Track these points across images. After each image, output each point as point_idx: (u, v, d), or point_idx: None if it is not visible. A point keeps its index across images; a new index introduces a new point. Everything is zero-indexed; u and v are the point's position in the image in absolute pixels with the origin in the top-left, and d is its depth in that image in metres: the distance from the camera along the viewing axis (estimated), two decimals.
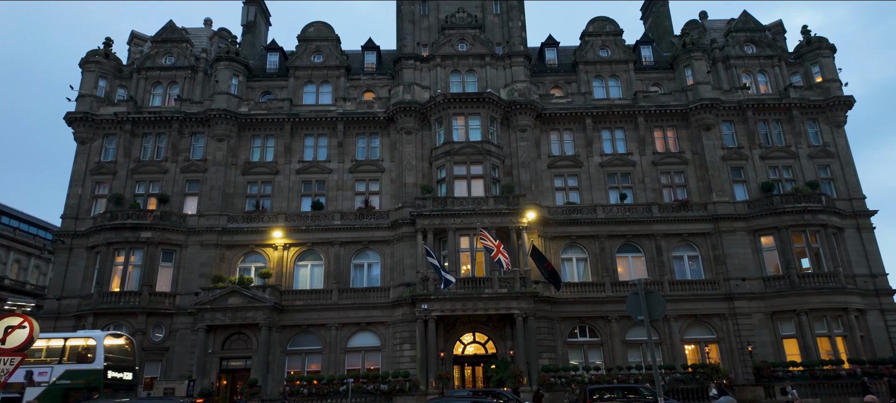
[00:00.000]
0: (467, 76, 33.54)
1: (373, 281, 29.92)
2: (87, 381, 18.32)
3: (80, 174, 31.20)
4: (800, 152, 32.08)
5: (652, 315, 11.26)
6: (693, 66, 33.46)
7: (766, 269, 29.28)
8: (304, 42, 35.22)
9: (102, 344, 18.99)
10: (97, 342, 19.08)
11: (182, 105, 32.54)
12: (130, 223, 28.49)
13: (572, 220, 30.19)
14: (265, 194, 31.59)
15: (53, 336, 20.37)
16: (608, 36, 35.50)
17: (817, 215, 28.76)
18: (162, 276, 28.94)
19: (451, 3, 35.65)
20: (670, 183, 32.04)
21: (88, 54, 33.38)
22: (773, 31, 36.48)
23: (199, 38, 36.83)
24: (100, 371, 18.62)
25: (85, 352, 18.99)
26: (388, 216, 30.41)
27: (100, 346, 18.92)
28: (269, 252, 29.88)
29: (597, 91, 34.25)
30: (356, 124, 32.71)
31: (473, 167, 29.96)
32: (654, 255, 29.81)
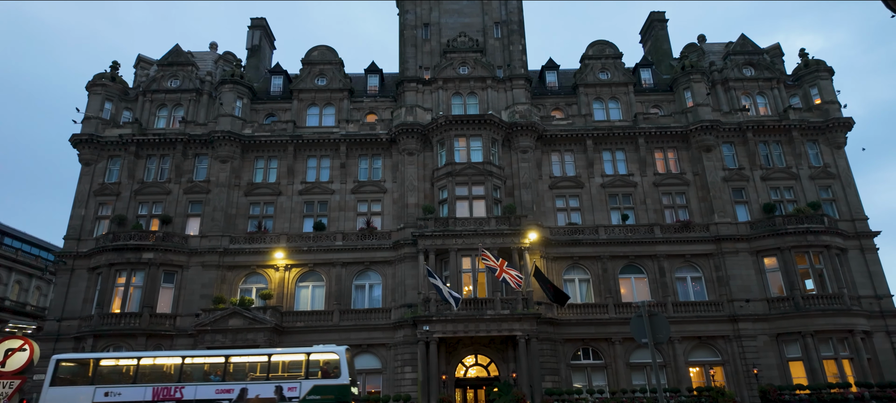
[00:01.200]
0: (469, 98, 33.90)
1: (374, 302, 29.79)
2: (336, 396, 18.19)
3: (83, 195, 31.38)
4: (801, 173, 32.16)
5: (656, 337, 11.17)
6: (692, 88, 33.79)
7: (770, 290, 29.10)
8: (309, 65, 35.73)
9: (346, 358, 18.83)
10: (341, 356, 18.92)
11: (186, 127, 32.87)
12: (132, 244, 28.53)
13: (574, 241, 30.16)
14: (267, 215, 31.69)
15: (296, 351, 20.40)
16: (608, 59, 35.95)
17: (820, 236, 28.69)
18: (163, 297, 28.86)
19: (452, 28, 36.24)
20: (672, 204, 32.07)
21: (95, 77, 33.88)
22: (771, 54, 36.91)
23: (205, 62, 37.39)
24: (346, 387, 18.49)
25: (328, 367, 18.87)
26: (389, 236, 30.43)
27: (343, 360, 18.78)
28: (270, 273, 29.83)
29: (597, 113, 34.54)
30: (359, 146, 32.97)
31: (475, 188, 30.07)
32: (657, 276, 29.68)
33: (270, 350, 20.41)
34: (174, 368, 19.17)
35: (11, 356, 9.18)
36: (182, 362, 19.32)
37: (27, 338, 9.56)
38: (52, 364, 18.84)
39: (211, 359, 19.87)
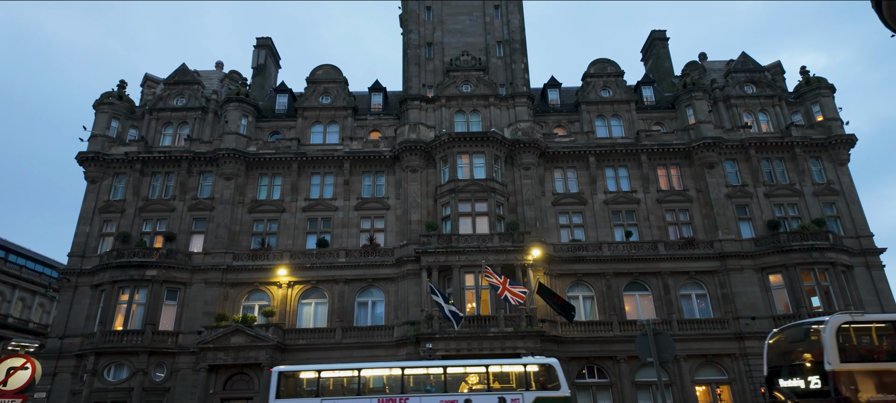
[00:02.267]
0: (472, 116, 34.14)
1: (377, 319, 29.65)
2: None
3: (88, 212, 31.56)
4: (804, 190, 32.08)
5: (661, 356, 11.10)
6: (694, 106, 33.94)
7: (776, 308, 28.82)
8: (313, 84, 36.12)
9: (561, 369, 18.57)
10: (557, 367, 18.69)
11: (191, 144, 33.16)
12: (136, 261, 28.58)
13: (578, 258, 30.05)
14: (271, 232, 31.75)
15: (512, 362, 20.11)
16: (609, 77, 36.21)
17: (825, 253, 28.50)
18: (165, 315, 28.80)
19: (455, 47, 36.66)
20: (675, 220, 31.99)
21: (102, 96, 34.30)
22: (773, 72, 37.11)
23: (211, 80, 37.85)
24: (569, 398, 18.34)
25: (545, 378, 18.67)
26: (392, 253, 30.40)
27: (560, 370, 18.56)
28: (273, 290, 29.78)
29: (599, 130, 34.69)
30: (362, 163, 33.14)
31: (478, 204, 30.11)
32: (662, 293, 29.47)
33: (487, 361, 20.34)
34: (396, 379, 19.10)
35: (13, 374, 9.16)
36: (402, 372, 19.15)
37: (29, 357, 9.54)
38: (275, 377, 18.80)
39: (430, 370, 19.67)
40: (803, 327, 14.22)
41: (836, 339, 12.76)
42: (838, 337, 12.88)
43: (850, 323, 13.28)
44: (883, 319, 14.39)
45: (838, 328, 13.00)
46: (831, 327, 12.94)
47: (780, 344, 14.58)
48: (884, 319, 14.38)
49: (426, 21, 37.54)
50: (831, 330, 12.89)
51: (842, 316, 13.47)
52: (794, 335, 14.44)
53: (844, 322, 13.22)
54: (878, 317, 14.37)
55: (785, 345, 14.42)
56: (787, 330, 14.86)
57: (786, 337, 14.57)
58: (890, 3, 6.94)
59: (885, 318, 14.48)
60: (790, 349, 14.14)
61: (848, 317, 13.38)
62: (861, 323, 13.50)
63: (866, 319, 13.72)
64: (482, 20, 37.67)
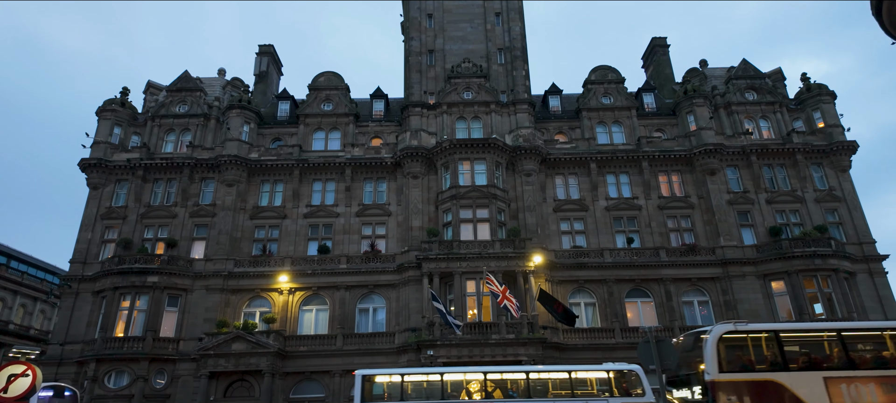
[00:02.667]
0: (473, 122, 34.21)
1: (378, 325, 29.58)
2: None
3: (90, 219, 31.61)
4: (806, 196, 32.04)
5: (663, 364, 11.05)
6: (695, 112, 33.98)
7: (779, 315, 28.71)
8: (315, 91, 36.26)
9: (645, 375, 18.26)
10: (640, 373, 18.30)
11: (194, 151, 33.25)
12: (138, 267, 28.60)
13: (579, 264, 30.00)
14: (272, 238, 31.76)
15: (595, 368, 19.86)
16: (610, 84, 36.30)
17: (827, 259, 28.42)
18: (166, 321, 28.77)
19: (456, 55, 36.81)
20: (677, 227, 31.94)
21: (105, 103, 34.46)
22: (773, 79, 37.18)
23: (213, 87, 38.01)
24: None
25: (629, 384, 18.40)
26: (394, 259, 30.38)
27: (644, 377, 18.19)
28: (274, 296, 29.75)
29: (600, 136, 34.73)
30: (364, 169, 33.19)
31: (479, 210, 30.11)
32: (664, 300, 29.38)
33: (570, 367, 20.10)
34: (480, 385, 18.94)
35: (14, 381, 9.14)
36: (484, 377, 19.00)
37: (30, 364, 9.53)
38: (359, 380, 18.62)
39: (511, 375, 19.48)
40: (693, 336, 13.91)
41: (718, 349, 12.62)
42: (721, 347, 12.74)
43: (733, 333, 13.13)
44: (766, 329, 14.22)
45: (721, 337, 12.87)
46: (714, 336, 12.82)
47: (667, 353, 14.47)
48: (767, 329, 14.21)
49: (427, 28, 37.72)
50: (714, 339, 12.77)
51: (725, 325, 13.32)
52: (687, 344, 14.19)
53: (727, 331, 13.10)
54: (761, 327, 14.15)
55: (680, 354, 14.20)
56: (684, 339, 14.62)
57: (681, 346, 14.34)
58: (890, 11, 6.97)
59: (769, 328, 14.32)
60: (684, 358, 13.92)
61: (731, 326, 13.24)
62: (745, 332, 13.33)
63: (750, 329, 13.51)
64: (483, 27, 37.85)
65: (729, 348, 13.01)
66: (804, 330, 15.24)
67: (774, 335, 13.44)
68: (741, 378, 12.58)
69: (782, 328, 14.58)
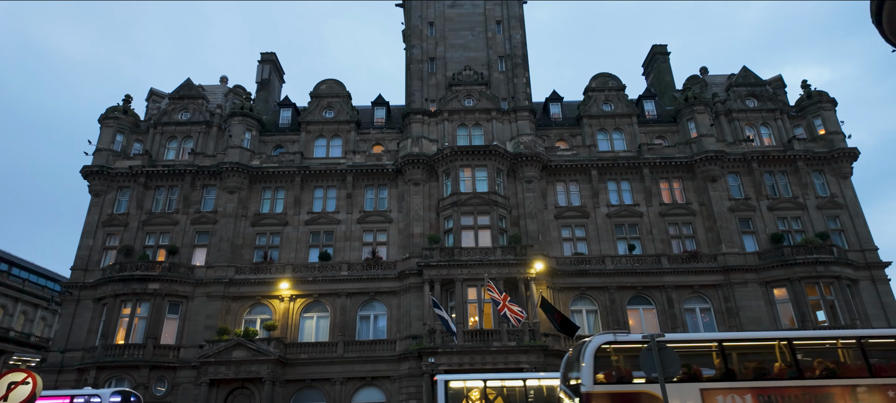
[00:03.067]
0: (474, 130, 34.28)
1: (379, 333, 29.50)
2: None
3: (92, 226, 31.65)
4: (807, 203, 31.99)
5: (666, 372, 10.97)
6: (696, 119, 34.02)
7: (781, 322, 28.59)
8: (317, 98, 36.40)
9: None
10: None
11: (195, 158, 33.34)
12: (139, 274, 28.59)
13: (581, 271, 29.93)
14: (274, 245, 31.76)
15: None
16: (611, 91, 36.38)
17: (830, 266, 28.33)
18: (167, 328, 28.73)
19: (457, 62, 36.96)
20: (678, 234, 31.89)
21: (108, 111, 34.61)
22: (774, 86, 37.24)
23: (215, 95, 38.18)
24: None
25: None
26: (395, 266, 30.34)
27: None
28: (275, 303, 29.71)
29: (601, 143, 34.76)
30: (365, 176, 33.24)
31: (480, 217, 30.10)
32: (666, 307, 29.27)
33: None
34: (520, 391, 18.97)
35: (14, 389, 9.12)
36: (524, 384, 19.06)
37: (30, 371, 9.52)
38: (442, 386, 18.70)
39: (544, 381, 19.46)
40: (579, 346, 13.72)
41: (594, 360, 12.44)
42: (598, 358, 12.55)
43: (612, 343, 12.94)
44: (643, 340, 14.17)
45: (599, 348, 12.68)
46: (591, 347, 12.65)
47: (567, 362, 14.23)
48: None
49: (429, 36, 37.90)
50: (591, 350, 12.60)
51: (605, 336, 13.13)
52: (573, 353, 14.00)
53: (606, 342, 12.91)
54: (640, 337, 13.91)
55: (567, 364, 14.08)
56: (572, 350, 14.45)
57: (569, 356, 14.21)
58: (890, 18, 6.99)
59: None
60: (570, 368, 13.79)
61: (610, 337, 13.03)
62: (624, 343, 13.09)
63: (630, 339, 13.23)
64: (484, 35, 38.02)
65: (608, 359, 12.87)
66: (685, 340, 14.85)
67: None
68: (615, 390, 12.40)
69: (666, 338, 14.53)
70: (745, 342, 14.66)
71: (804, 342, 14.18)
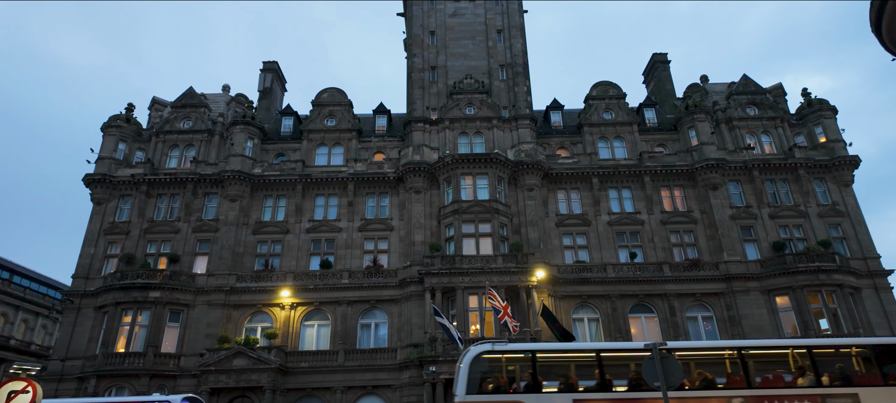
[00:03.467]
0: (475, 138, 34.37)
1: (380, 341, 29.40)
2: None
3: (94, 234, 31.69)
4: (809, 211, 31.95)
5: (668, 381, 10.90)
6: (697, 127, 34.08)
7: (784, 330, 28.44)
8: (318, 107, 36.54)
9: None
10: None
11: (197, 166, 33.43)
12: (140, 282, 28.57)
13: (582, 279, 29.86)
14: (275, 253, 31.75)
15: None
16: (611, 99, 36.48)
17: (832, 275, 28.23)
18: (168, 337, 28.66)
19: (458, 71, 37.13)
20: (680, 242, 31.83)
21: (110, 119, 34.75)
22: (774, 94, 37.32)
23: (217, 104, 38.34)
24: None
25: None
26: (396, 274, 30.30)
27: None
28: (276, 311, 29.65)
29: (602, 151, 34.81)
30: (366, 184, 33.29)
31: (482, 225, 30.08)
32: (668, 316, 29.16)
33: None
34: None
35: (14, 398, 9.12)
36: None
37: (30, 380, 9.51)
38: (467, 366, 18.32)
39: None
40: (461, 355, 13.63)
41: (469, 370, 12.31)
42: (475, 368, 12.40)
43: (490, 353, 12.77)
44: (522, 349, 13.84)
45: (476, 358, 12.53)
46: (468, 357, 12.53)
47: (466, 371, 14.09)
48: (523, 349, 13.83)
49: (430, 46, 38.11)
50: (468, 360, 12.49)
51: (482, 345, 12.95)
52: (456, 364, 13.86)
53: (484, 351, 12.73)
54: (518, 347, 13.72)
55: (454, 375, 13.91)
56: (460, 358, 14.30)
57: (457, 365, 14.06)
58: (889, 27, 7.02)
59: (525, 348, 13.94)
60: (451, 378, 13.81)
61: (488, 347, 12.85)
62: (502, 352, 12.91)
63: (508, 349, 13.06)
64: (485, 44, 38.21)
65: (486, 369, 12.70)
66: (562, 350, 14.65)
67: (531, 355, 13.12)
68: (494, 400, 12.26)
69: (539, 348, 14.18)
70: (620, 353, 14.39)
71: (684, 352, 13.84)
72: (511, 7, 39.25)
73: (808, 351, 13.34)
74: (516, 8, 39.33)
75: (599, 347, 15.04)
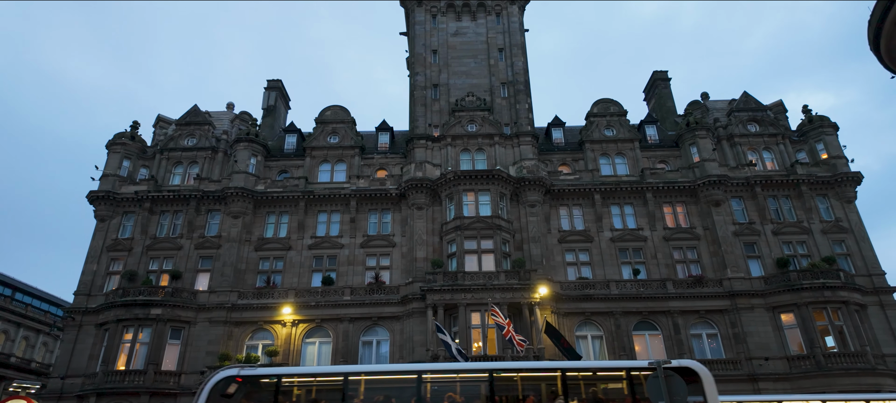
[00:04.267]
0: (477, 154, 34.52)
1: (382, 359, 29.16)
2: None
3: (96, 251, 31.73)
4: (812, 227, 31.86)
5: (673, 400, 10.78)
6: (698, 144, 34.18)
7: (790, 348, 28.16)
8: (322, 124, 36.82)
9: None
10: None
11: (200, 183, 33.60)
12: (141, 299, 28.51)
13: (585, 296, 29.69)
14: (277, 270, 31.72)
15: None
16: (613, 116, 36.69)
17: (837, 291, 28.03)
18: (169, 354, 28.50)
19: (460, 89, 37.46)
20: (683, 258, 31.71)
21: (115, 136, 35.05)
22: (775, 111, 37.49)
23: (221, 121, 38.67)
24: None
25: None
26: (398, 291, 30.19)
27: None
28: (277, 329, 29.51)
29: (604, 168, 34.89)
30: (369, 200, 33.36)
31: (484, 241, 30.05)
32: (672, 333, 28.91)
33: None
34: None
35: None
36: None
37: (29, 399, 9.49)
38: None
39: None
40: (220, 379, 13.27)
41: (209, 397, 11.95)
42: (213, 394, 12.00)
43: (237, 378, 12.50)
44: (268, 374, 13.47)
45: (217, 384, 12.18)
46: (210, 383, 12.22)
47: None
48: (268, 374, 13.47)
49: (432, 64, 38.51)
50: (208, 386, 12.16)
51: (227, 370, 12.63)
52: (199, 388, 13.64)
53: (226, 376, 12.44)
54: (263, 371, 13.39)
55: None
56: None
57: None
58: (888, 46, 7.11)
59: (270, 372, 13.62)
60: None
61: (234, 372, 12.56)
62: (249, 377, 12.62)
63: (255, 374, 12.78)
64: (487, 63, 38.60)
65: (230, 395, 12.38)
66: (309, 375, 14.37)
67: (276, 380, 12.85)
68: None
69: (285, 372, 13.94)
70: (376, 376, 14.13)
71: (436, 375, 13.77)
72: (512, 26, 39.72)
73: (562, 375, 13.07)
74: (517, 27, 39.81)
75: (348, 370, 14.82)
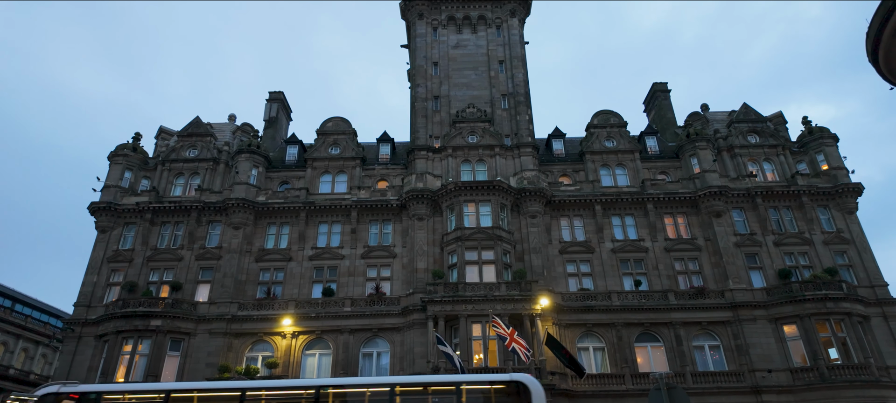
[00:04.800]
0: (477, 165, 34.61)
1: (382, 371, 28.98)
2: None
3: (97, 262, 31.71)
4: (814, 239, 31.81)
5: None
6: (699, 155, 34.26)
7: (793, 360, 27.97)
8: (323, 135, 36.97)
9: None
10: None
11: (202, 194, 33.66)
12: (141, 311, 28.42)
13: (587, 307, 29.57)
14: (277, 281, 31.65)
15: None
16: (613, 128, 36.82)
17: (840, 303, 27.91)
18: (168, 366, 28.34)
19: (461, 100, 37.66)
20: (685, 269, 31.63)
21: (117, 148, 35.19)
22: (775, 122, 37.62)
23: (223, 132, 38.84)
24: None
25: None
26: (398, 302, 30.10)
27: None
28: (277, 340, 29.37)
29: (604, 179, 34.95)
30: (369, 211, 33.39)
31: (485, 252, 30.01)
32: (674, 345, 28.75)
33: None
34: None
35: None
36: None
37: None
38: None
39: None
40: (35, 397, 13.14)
41: None
42: None
43: (55, 394, 12.49)
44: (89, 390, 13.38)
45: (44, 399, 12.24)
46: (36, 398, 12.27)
47: None
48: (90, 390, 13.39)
49: (433, 76, 38.76)
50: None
51: (49, 387, 12.62)
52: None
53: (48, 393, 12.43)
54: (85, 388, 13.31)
55: None
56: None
57: None
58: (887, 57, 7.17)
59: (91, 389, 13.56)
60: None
61: (57, 388, 12.56)
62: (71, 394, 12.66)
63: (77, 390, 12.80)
64: (487, 74, 38.84)
65: None
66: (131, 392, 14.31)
67: (97, 396, 12.90)
68: None
69: (106, 389, 14.08)
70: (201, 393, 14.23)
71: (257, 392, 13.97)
72: (512, 38, 40.03)
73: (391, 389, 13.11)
74: (517, 39, 40.12)
75: (170, 388, 14.94)
